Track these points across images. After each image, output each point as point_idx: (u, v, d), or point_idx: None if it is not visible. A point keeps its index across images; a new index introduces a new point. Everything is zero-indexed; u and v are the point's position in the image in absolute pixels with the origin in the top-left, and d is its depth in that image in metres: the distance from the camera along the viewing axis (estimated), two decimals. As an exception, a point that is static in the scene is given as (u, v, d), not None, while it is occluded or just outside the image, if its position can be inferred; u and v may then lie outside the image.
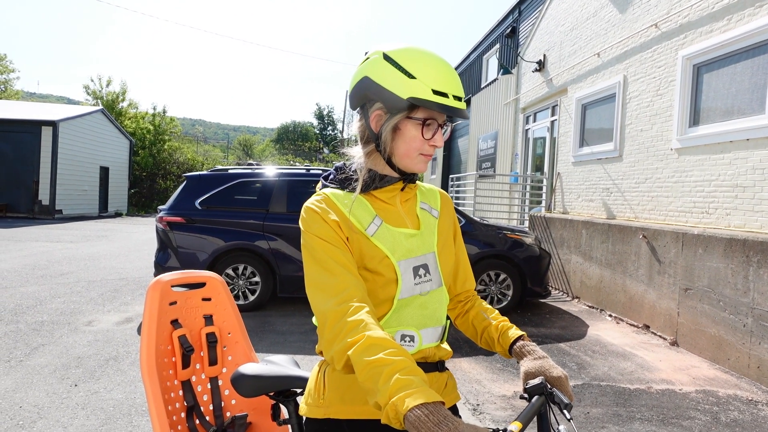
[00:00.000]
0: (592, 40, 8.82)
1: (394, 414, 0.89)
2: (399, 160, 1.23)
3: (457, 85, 1.20)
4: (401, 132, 1.20)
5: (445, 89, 1.17)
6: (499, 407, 3.81)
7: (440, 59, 1.22)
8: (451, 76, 1.20)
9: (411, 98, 1.16)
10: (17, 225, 17.54)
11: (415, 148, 1.21)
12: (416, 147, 1.21)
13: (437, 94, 1.16)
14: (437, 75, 1.18)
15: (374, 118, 1.21)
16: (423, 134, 1.19)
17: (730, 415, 3.83)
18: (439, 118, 1.21)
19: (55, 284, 7.66)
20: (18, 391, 3.76)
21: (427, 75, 1.17)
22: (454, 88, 1.19)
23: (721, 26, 5.81)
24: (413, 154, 1.22)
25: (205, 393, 1.97)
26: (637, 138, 7.37)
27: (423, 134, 1.19)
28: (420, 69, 1.17)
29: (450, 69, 1.22)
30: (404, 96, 1.16)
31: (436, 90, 1.16)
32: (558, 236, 8.80)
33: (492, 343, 1.36)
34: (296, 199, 6.74)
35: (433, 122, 1.20)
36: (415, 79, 1.16)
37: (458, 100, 1.19)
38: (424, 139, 1.20)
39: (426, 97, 1.16)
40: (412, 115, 1.19)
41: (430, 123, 1.19)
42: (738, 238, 4.90)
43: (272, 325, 5.96)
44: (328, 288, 1.12)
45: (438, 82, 1.17)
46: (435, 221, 1.34)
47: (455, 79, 1.21)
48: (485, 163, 15.38)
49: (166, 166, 34.36)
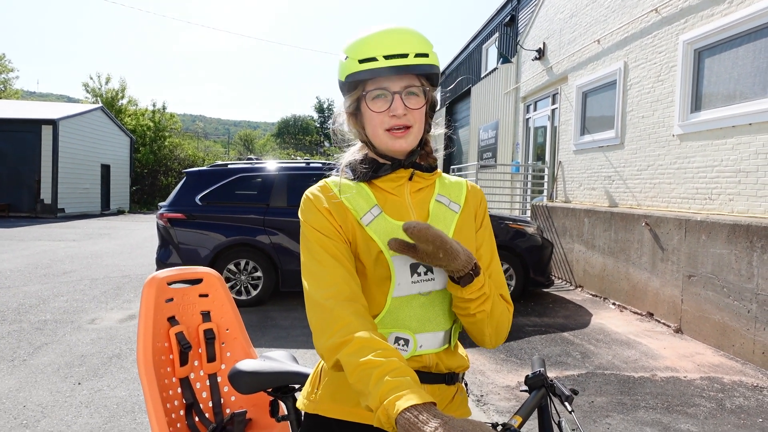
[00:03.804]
0: (591, 27, 8.74)
1: (385, 418, 0.87)
2: (375, 144, 1.19)
3: (392, 43, 1.10)
4: (363, 115, 1.18)
5: (372, 53, 1.10)
6: (503, 398, 3.80)
7: (378, 29, 1.14)
8: (383, 37, 1.11)
9: (346, 78, 1.14)
10: (20, 224, 17.57)
11: (376, 125, 1.15)
12: (376, 124, 1.15)
13: (364, 62, 1.10)
14: (365, 43, 1.12)
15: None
16: (370, 108, 1.14)
17: (736, 401, 3.81)
18: (391, 86, 1.12)
19: (57, 283, 7.67)
20: (22, 390, 3.76)
21: (356, 49, 1.12)
22: (387, 47, 1.10)
23: (722, 10, 5.74)
24: (378, 132, 1.15)
25: (204, 390, 1.96)
26: (638, 125, 7.31)
27: (370, 108, 1.14)
28: (352, 48, 1.13)
29: (386, 31, 1.12)
30: (342, 78, 1.15)
31: (362, 59, 1.11)
32: (560, 225, 8.77)
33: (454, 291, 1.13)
34: (297, 193, 6.71)
35: (382, 92, 1.12)
36: (347, 59, 1.14)
37: (399, 57, 1.09)
38: (378, 113, 1.13)
39: (353, 69, 1.12)
40: (364, 91, 1.14)
41: (377, 96, 1.13)
42: (741, 224, 4.86)
43: (274, 319, 5.95)
44: (318, 279, 1.09)
45: (364, 50, 1.11)
46: (454, 216, 1.22)
47: (391, 38, 1.11)
48: (486, 153, 15.32)
49: (167, 163, 34.38)
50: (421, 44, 1.12)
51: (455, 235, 1.20)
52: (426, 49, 1.13)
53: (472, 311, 1.12)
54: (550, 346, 5.04)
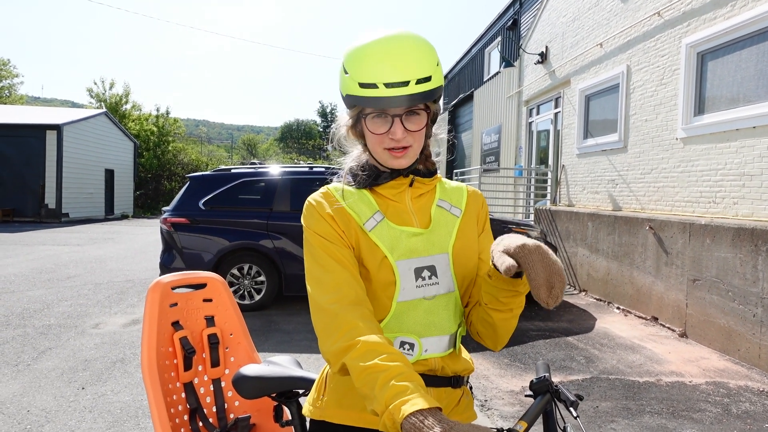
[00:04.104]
0: (594, 31, 8.74)
1: (391, 423, 0.87)
2: (375, 156, 1.19)
3: (393, 69, 1.06)
4: (363, 128, 1.17)
5: (373, 78, 1.06)
6: (507, 403, 3.78)
7: (378, 41, 1.09)
8: (383, 59, 1.06)
9: (346, 96, 1.13)
10: (24, 229, 17.63)
11: (375, 144, 1.15)
12: (376, 142, 1.14)
13: (364, 87, 1.07)
14: (364, 64, 1.08)
15: None
16: (370, 129, 1.13)
17: (742, 406, 3.79)
18: (391, 109, 1.10)
19: (62, 287, 7.69)
20: (26, 395, 3.76)
21: (356, 67, 1.09)
22: (388, 74, 1.06)
23: (725, 12, 5.73)
24: (378, 150, 1.15)
25: (208, 395, 1.96)
26: (641, 128, 7.30)
27: (370, 129, 1.13)
28: (352, 62, 1.10)
29: (387, 49, 1.07)
30: (343, 94, 1.14)
31: (362, 83, 1.08)
32: (564, 229, 8.75)
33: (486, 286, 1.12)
34: (300, 198, 6.71)
35: (381, 114, 1.11)
36: (348, 75, 1.11)
37: (400, 86, 1.06)
38: (378, 135, 1.12)
39: (353, 92, 1.10)
40: (364, 112, 1.13)
41: (376, 116, 1.11)
42: (746, 228, 4.84)
43: (278, 324, 5.95)
44: (322, 284, 1.09)
45: (364, 72, 1.07)
46: (455, 220, 1.23)
47: (393, 61, 1.06)
48: (489, 157, 15.31)
49: (170, 168, 34.45)
50: (423, 66, 1.08)
51: (457, 240, 1.20)
52: (428, 71, 1.08)
53: (514, 306, 1.12)
54: (554, 351, 5.02)
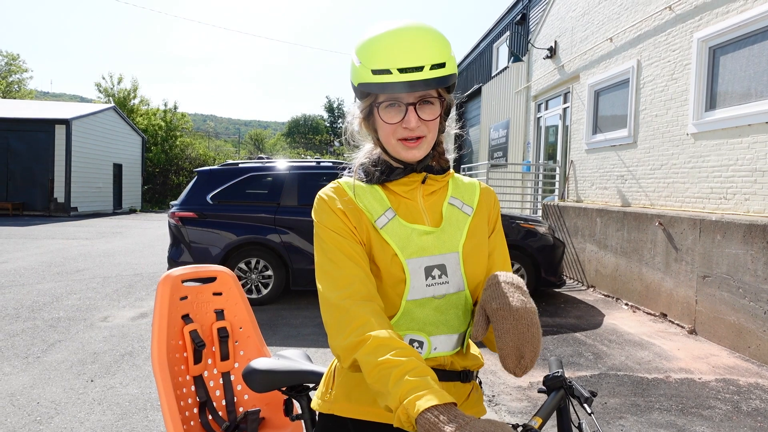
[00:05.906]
0: (604, 25, 8.66)
1: (405, 418, 0.86)
2: (387, 149, 1.16)
3: (406, 53, 1.04)
4: (375, 119, 1.14)
5: (387, 64, 1.04)
6: (515, 398, 3.77)
7: (391, 28, 1.07)
8: (396, 44, 1.05)
9: (359, 85, 1.10)
10: (34, 223, 17.76)
11: (388, 134, 1.12)
12: (388, 132, 1.12)
13: (377, 73, 1.05)
14: (378, 51, 1.06)
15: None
16: (383, 118, 1.10)
17: (752, 404, 3.76)
18: (405, 97, 1.07)
19: (71, 281, 7.74)
20: (35, 387, 3.79)
21: (369, 55, 1.07)
22: (401, 59, 1.04)
23: (737, 6, 5.66)
24: (391, 141, 1.13)
25: (218, 388, 1.96)
26: (651, 123, 7.24)
27: (383, 118, 1.10)
28: (364, 51, 1.08)
29: (400, 36, 1.06)
30: (355, 84, 1.12)
31: (375, 69, 1.05)
32: (572, 225, 8.70)
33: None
34: (307, 192, 6.72)
35: (395, 103, 1.09)
36: (359, 64, 1.09)
37: (414, 71, 1.03)
38: (391, 124, 1.10)
39: (366, 79, 1.07)
40: (377, 101, 1.11)
41: (389, 105, 1.09)
42: (758, 224, 4.79)
43: (285, 318, 5.96)
44: (333, 279, 1.08)
45: (377, 59, 1.05)
46: (467, 218, 1.21)
47: (406, 46, 1.04)
48: (497, 152, 15.25)
49: (178, 162, 34.60)
50: (437, 52, 1.06)
51: (468, 239, 1.19)
52: (443, 57, 1.06)
53: None
54: (562, 347, 5.00)
